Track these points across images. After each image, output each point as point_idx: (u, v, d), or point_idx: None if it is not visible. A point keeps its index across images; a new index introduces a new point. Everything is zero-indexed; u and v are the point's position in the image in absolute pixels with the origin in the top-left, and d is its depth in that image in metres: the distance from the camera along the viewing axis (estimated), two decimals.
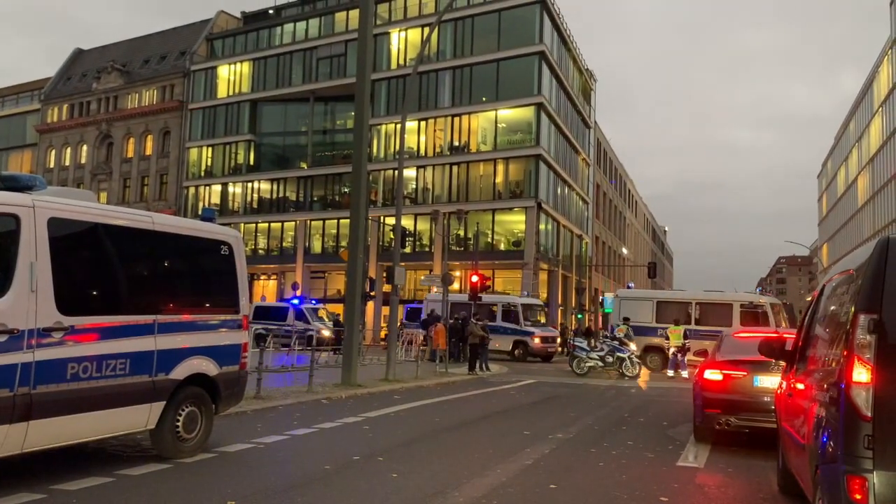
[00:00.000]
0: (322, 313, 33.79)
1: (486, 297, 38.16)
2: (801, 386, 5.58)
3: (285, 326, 30.10)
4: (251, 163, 56.25)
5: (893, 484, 3.93)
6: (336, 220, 50.71)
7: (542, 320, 32.62)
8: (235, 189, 56.94)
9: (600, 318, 61.12)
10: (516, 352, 30.45)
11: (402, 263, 21.66)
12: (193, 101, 58.84)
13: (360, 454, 7.92)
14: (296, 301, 33.57)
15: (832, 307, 5.24)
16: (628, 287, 36.60)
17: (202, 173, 58.43)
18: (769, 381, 8.77)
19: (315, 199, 53.77)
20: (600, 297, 58.81)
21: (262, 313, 32.07)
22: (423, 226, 47.57)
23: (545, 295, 48.48)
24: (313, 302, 36.39)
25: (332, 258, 47.12)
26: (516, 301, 31.50)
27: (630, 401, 15.80)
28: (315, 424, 9.84)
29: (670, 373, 22.57)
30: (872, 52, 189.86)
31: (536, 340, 30.77)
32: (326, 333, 30.06)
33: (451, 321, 27.00)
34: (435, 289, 36.45)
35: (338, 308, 40.74)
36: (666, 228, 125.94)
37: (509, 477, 7.09)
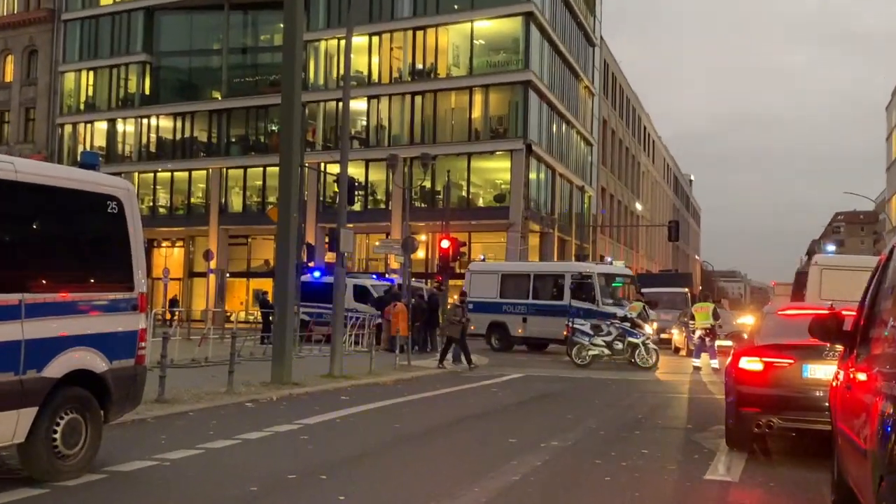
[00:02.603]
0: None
1: (543, 265, 38.09)
2: (862, 376, 5.68)
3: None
4: (147, 92, 55.32)
5: None
6: (261, 169, 50.30)
7: (629, 299, 29.76)
8: (126, 127, 56.07)
9: None
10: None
11: (350, 225, 21.54)
12: (69, 10, 57.42)
13: (297, 471, 7.93)
14: (317, 274, 32.48)
15: None
16: (481, 260, 36.91)
17: (81, 106, 57.31)
18: (822, 371, 8.92)
19: (233, 140, 53.17)
20: None
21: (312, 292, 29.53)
22: (378, 175, 47.35)
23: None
24: (374, 277, 35.42)
25: (257, 218, 46.72)
26: (591, 269, 29.60)
27: (645, 398, 16.01)
28: (237, 434, 9.82)
29: (696, 362, 22.96)
30: None
31: None
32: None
33: (414, 300, 27.07)
34: (482, 258, 36.53)
35: (265, 283, 40.65)
36: (692, 178, 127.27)
37: (490, 497, 7.16)
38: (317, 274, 32.27)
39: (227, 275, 50.68)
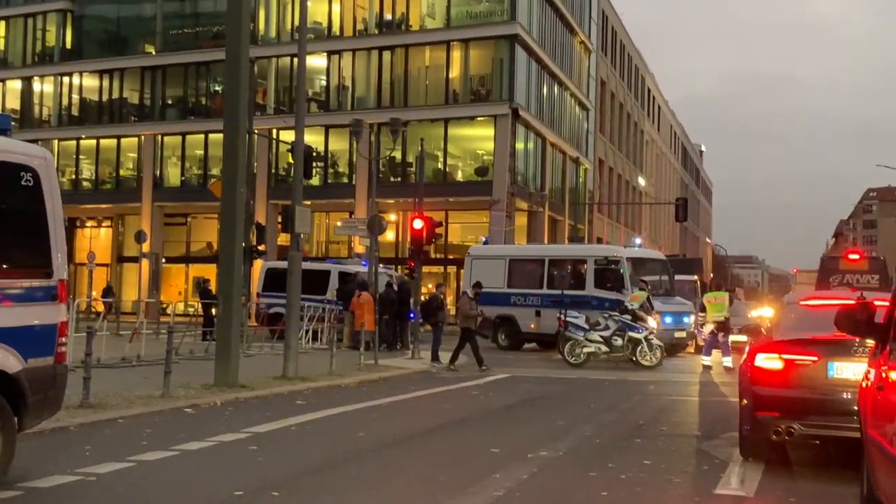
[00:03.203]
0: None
1: (561, 248, 37.86)
2: None
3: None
4: (68, 46, 54.75)
5: None
6: (202, 136, 49.98)
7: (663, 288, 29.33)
8: (44, 86, 55.57)
9: None
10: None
11: (307, 202, 21.44)
12: None
13: (244, 488, 7.91)
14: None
15: None
16: (483, 243, 36.82)
17: None
18: (850, 370, 9.00)
19: (169, 102, 52.76)
20: None
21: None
22: (340, 144, 47.18)
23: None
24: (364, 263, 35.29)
25: (198, 194, 46.45)
26: (619, 253, 29.19)
27: (647, 402, 16.09)
28: (175, 445, 9.78)
29: (706, 360, 23.14)
30: None
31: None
32: None
33: (383, 290, 27.06)
34: (484, 241, 35.82)
35: (208, 270, 40.46)
36: (703, 148, 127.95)
37: None
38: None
39: (163, 260, 50.38)
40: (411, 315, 26.57)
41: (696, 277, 38.56)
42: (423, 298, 26.86)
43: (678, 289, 30.84)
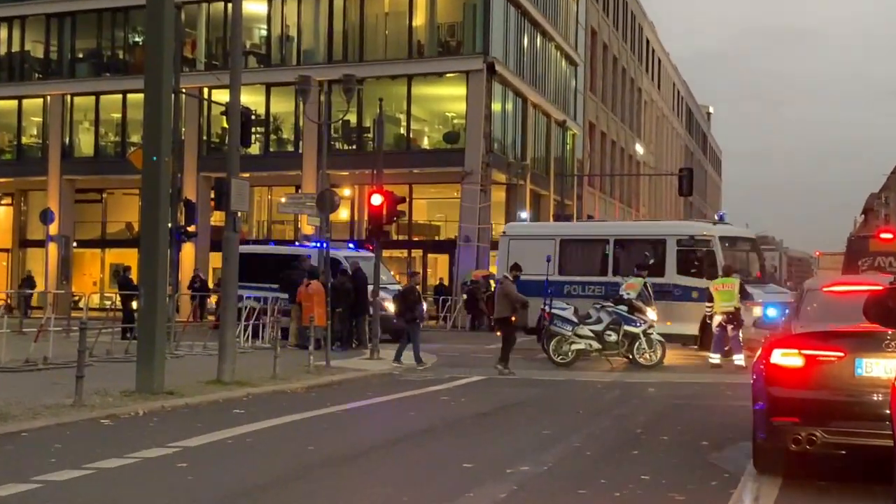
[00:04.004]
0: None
1: (631, 226, 37.14)
2: None
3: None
4: None
5: None
6: (119, 96, 49.57)
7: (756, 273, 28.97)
8: None
9: None
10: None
11: (245, 174, 21.29)
12: None
13: None
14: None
15: None
16: (521, 220, 36.58)
17: None
18: (881, 367, 9.08)
19: (80, 56, 52.27)
20: None
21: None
22: (284, 106, 46.99)
23: (502, 225, 48.74)
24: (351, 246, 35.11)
25: (115, 165, 46.03)
26: (710, 231, 28.31)
27: (646, 406, 16.19)
28: (89, 462, 9.73)
29: (714, 358, 23.26)
30: None
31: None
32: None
33: (336, 280, 26.94)
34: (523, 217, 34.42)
35: (128, 256, 40.12)
36: (710, 110, 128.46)
37: None
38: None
39: (74, 244, 49.91)
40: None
41: None
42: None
43: None
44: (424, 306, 26.03)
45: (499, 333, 22.82)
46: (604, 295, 27.45)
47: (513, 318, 21.92)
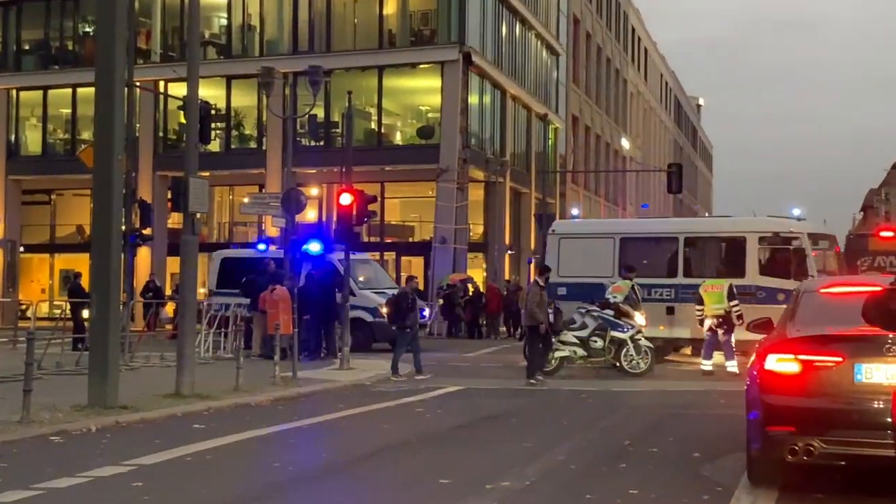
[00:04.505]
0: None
1: (704, 223, 36.66)
2: None
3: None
4: None
5: None
6: (70, 90, 49.42)
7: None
8: None
9: None
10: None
11: (205, 173, 21.23)
12: None
13: None
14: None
15: None
16: (572, 217, 35.94)
17: None
18: (882, 373, 9.12)
19: (25, 47, 52.07)
20: None
21: None
22: (246, 100, 46.88)
23: (481, 225, 48.89)
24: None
25: (65, 164, 45.86)
26: (798, 228, 27.47)
27: (634, 417, 16.19)
28: (38, 482, 9.68)
29: (706, 364, 23.34)
30: None
31: None
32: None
33: (303, 283, 26.89)
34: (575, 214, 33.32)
35: (79, 262, 39.91)
36: (700, 102, 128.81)
37: None
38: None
39: (21, 248, 49.57)
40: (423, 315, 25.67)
41: None
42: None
43: None
44: (427, 312, 25.39)
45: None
46: (673, 298, 27.10)
47: (541, 327, 21.67)
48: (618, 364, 23.19)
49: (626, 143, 75.59)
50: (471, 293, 40.25)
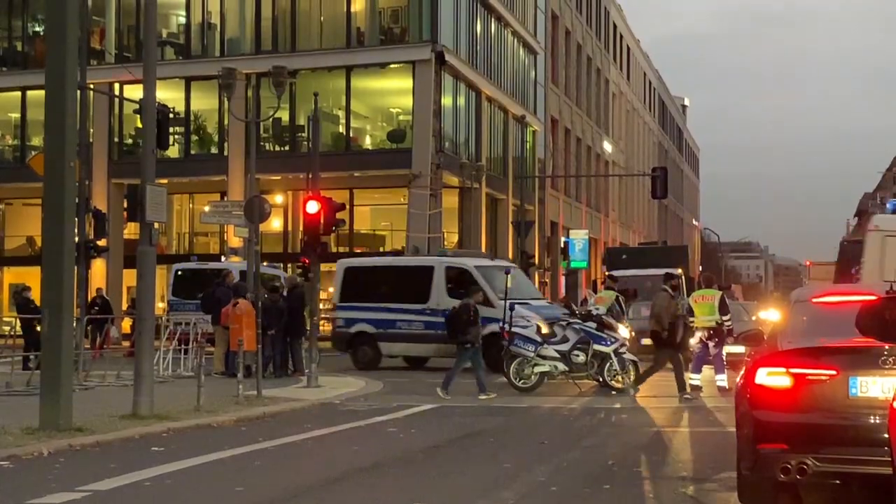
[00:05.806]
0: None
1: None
2: None
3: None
4: None
5: None
6: (18, 93, 49.30)
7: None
8: None
9: (562, 282, 62.38)
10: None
11: (163, 180, 21.18)
12: None
13: None
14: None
15: None
16: (891, 210, 32.58)
17: None
18: (878, 387, 9.14)
19: None
20: (562, 238, 59.83)
21: None
22: (206, 102, 46.88)
23: (456, 233, 48.86)
24: None
25: (14, 172, 45.84)
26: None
27: (619, 435, 16.20)
28: None
29: (695, 379, 23.36)
30: None
31: None
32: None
33: (267, 296, 26.81)
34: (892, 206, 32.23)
35: (29, 275, 39.74)
36: (685, 102, 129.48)
37: None
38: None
39: None
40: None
41: (680, 271, 38.73)
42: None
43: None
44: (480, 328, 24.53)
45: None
46: None
47: (664, 335, 21.90)
48: (601, 379, 23.22)
49: (608, 147, 75.82)
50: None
